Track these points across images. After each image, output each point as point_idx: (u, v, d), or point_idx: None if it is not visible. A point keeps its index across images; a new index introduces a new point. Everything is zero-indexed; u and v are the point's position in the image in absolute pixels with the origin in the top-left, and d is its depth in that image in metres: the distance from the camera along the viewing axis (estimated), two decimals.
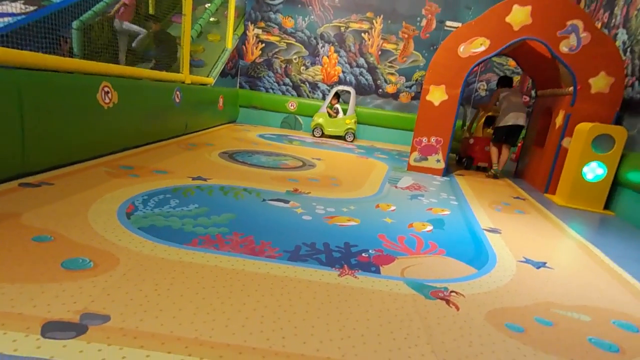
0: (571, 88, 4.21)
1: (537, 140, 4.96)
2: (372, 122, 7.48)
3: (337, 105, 6.92)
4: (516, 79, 7.32)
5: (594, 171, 3.79)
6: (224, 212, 2.40)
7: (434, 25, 7.17)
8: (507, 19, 4.15)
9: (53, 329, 1.19)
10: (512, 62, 7.15)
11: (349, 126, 6.82)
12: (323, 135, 6.90)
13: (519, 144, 6.77)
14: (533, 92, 7.20)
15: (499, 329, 1.53)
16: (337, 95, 6.94)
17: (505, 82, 5.20)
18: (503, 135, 4.86)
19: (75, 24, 3.93)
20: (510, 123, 4.77)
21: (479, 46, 4.30)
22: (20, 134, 2.45)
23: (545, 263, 2.27)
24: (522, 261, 2.26)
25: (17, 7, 3.87)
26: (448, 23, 7.11)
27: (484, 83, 7.36)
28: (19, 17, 3.48)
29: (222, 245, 1.94)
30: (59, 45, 3.86)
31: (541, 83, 5.16)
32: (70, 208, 2.15)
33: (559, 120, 4.37)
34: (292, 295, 1.57)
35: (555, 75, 4.56)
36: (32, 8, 3.59)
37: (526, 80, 7.26)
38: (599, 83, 4.08)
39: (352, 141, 6.87)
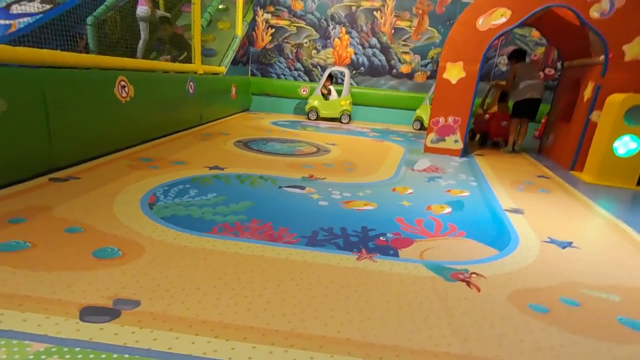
0: (602, 57, 3.97)
1: (563, 115, 4.77)
2: (386, 104, 7.35)
3: (331, 87, 6.89)
4: (540, 50, 7.01)
5: (627, 145, 3.61)
6: (241, 200, 2.44)
7: None
8: None
9: (90, 313, 1.27)
10: (535, 33, 6.82)
11: (344, 107, 6.78)
12: (318, 117, 6.86)
13: (543, 120, 6.57)
14: (559, 64, 6.90)
15: (522, 309, 1.51)
16: (330, 77, 6.90)
17: (518, 55, 5.12)
18: (522, 109, 4.87)
19: (89, 19, 4.00)
20: (527, 97, 4.79)
21: (499, 17, 4.12)
22: (46, 132, 2.54)
23: (571, 243, 2.22)
24: (546, 241, 2.21)
25: (34, 7, 3.95)
26: None
27: (504, 57, 7.08)
28: (37, 17, 3.56)
29: (241, 232, 1.98)
30: (75, 42, 3.95)
31: (568, 54, 4.91)
32: (97, 200, 2.23)
33: (587, 92, 4.17)
34: (312, 279, 1.60)
35: (584, 45, 4.32)
36: (48, 6, 3.66)
37: (551, 51, 6.93)
38: (634, 50, 3.82)
39: (347, 122, 6.83)
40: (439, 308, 1.47)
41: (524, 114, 4.89)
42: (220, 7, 6.53)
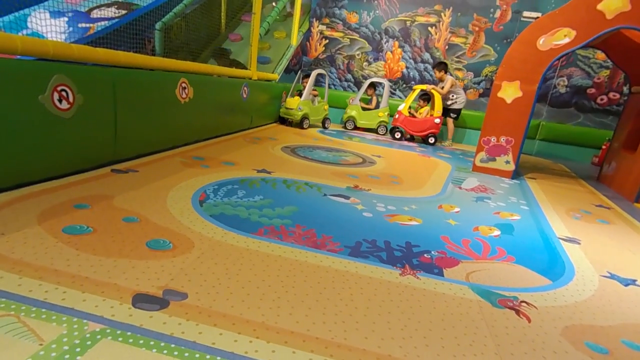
0: None
1: (628, 143, 4.41)
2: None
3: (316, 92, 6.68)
4: (604, 73, 6.57)
5: None
6: (287, 205, 2.48)
7: (509, 17, 6.67)
8: (599, 7, 3.72)
9: (141, 300, 1.33)
10: (600, 55, 6.41)
11: (326, 112, 6.72)
12: (309, 125, 6.44)
13: (604, 147, 6.13)
14: (625, 89, 6.42)
15: (578, 347, 1.40)
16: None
17: (447, 67, 6.25)
18: (459, 114, 6.40)
19: (158, 25, 4.30)
20: (463, 106, 6.34)
21: (562, 38, 3.92)
22: (113, 125, 2.75)
23: (635, 281, 2.03)
24: (605, 276, 2.04)
25: (111, 12, 4.32)
26: (525, 14, 6.57)
27: (564, 79, 6.70)
28: (113, 21, 3.88)
29: (286, 236, 2.01)
30: (143, 45, 4.25)
31: (637, 78, 4.56)
32: (152, 193, 2.36)
33: None
34: (353, 290, 1.59)
35: None
36: (123, 12, 3.98)
37: (617, 75, 6.47)
38: None
39: (328, 127, 6.64)
40: (486, 334, 1.40)
41: (458, 117, 6.40)
42: (278, 17, 6.74)
